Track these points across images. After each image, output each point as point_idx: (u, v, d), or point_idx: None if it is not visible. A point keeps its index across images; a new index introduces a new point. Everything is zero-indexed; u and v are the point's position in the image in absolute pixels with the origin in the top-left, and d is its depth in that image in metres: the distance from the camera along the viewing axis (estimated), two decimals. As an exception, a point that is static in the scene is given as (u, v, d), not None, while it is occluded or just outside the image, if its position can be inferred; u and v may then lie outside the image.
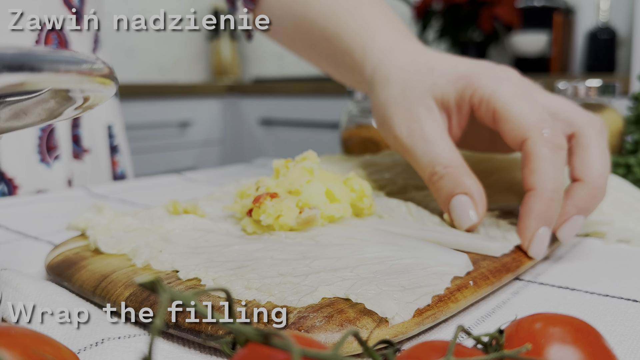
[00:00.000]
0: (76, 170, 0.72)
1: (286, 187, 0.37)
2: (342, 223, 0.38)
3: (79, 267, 0.33)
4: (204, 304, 0.24)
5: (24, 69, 0.18)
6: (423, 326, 0.27)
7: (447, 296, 0.29)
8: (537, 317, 0.20)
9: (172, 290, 0.15)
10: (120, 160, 0.80)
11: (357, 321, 0.25)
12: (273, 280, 0.29)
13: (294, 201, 0.36)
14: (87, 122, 0.73)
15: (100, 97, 0.23)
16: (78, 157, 0.72)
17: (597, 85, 0.71)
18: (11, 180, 0.65)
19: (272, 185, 0.38)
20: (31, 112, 0.24)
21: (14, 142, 0.65)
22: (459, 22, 2.13)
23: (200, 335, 0.25)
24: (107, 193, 0.65)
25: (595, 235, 0.45)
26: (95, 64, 0.20)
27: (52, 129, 0.68)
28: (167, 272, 0.31)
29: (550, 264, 0.39)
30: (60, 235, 0.46)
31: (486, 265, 0.33)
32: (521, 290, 0.34)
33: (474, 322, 0.30)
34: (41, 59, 0.19)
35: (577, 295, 0.33)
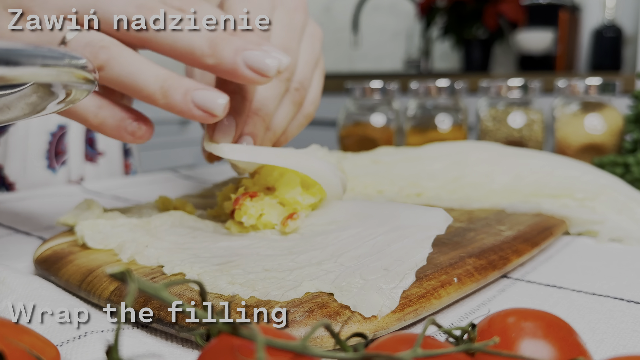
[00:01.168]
0: (89, 173, 0.73)
1: (263, 184, 0.37)
2: (324, 206, 0.38)
3: (66, 261, 0.33)
4: (174, 295, 0.25)
5: (2, 62, 0.18)
6: (404, 322, 0.27)
7: (429, 292, 0.29)
8: (510, 312, 0.21)
9: (140, 280, 0.15)
10: (133, 163, 0.81)
11: (338, 316, 0.26)
12: (257, 275, 0.30)
13: (274, 198, 0.37)
14: None
15: (82, 91, 0.23)
16: (92, 160, 0.74)
17: (597, 83, 0.71)
18: (11, 185, 0.66)
19: (250, 184, 0.38)
20: (14, 107, 0.24)
21: (21, 147, 0.65)
22: (464, 20, 2.13)
23: (174, 326, 0.25)
24: (101, 190, 0.65)
25: (588, 234, 0.45)
26: (75, 58, 0.21)
27: (63, 133, 0.69)
28: (153, 267, 0.32)
29: (540, 263, 0.39)
30: (51, 230, 0.47)
31: (472, 262, 0.33)
32: (508, 288, 0.35)
33: (457, 319, 0.30)
34: (20, 53, 0.19)
35: (564, 293, 0.33)
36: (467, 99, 0.85)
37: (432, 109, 0.79)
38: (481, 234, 0.39)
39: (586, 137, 0.69)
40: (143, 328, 0.28)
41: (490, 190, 0.49)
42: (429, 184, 0.52)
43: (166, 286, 0.16)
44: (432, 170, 0.53)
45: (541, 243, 0.40)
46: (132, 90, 0.34)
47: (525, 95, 0.74)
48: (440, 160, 0.55)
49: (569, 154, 0.69)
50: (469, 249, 0.35)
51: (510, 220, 0.43)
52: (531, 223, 0.42)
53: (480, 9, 2.08)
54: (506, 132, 0.74)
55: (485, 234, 0.39)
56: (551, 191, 0.48)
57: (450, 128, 0.77)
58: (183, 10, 0.34)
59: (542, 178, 0.50)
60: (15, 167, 0.65)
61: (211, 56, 0.33)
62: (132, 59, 0.34)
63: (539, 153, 0.55)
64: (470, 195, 0.49)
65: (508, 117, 0.74)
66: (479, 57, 2.18)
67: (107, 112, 0.35)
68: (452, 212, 0.46)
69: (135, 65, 0.34)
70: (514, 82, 0.75)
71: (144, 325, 0.28)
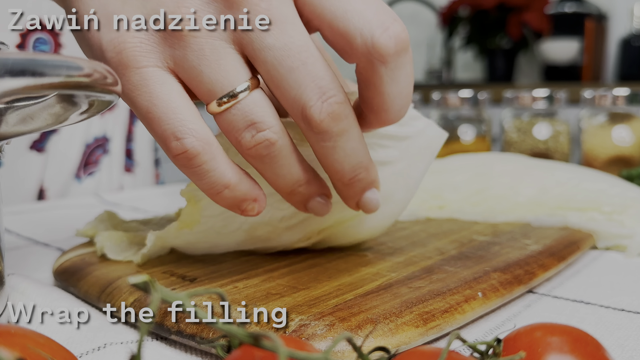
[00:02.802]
0: (127, 183, 0.75)
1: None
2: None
3: (85, 272, 0.34)
4: (194, 305, 0.25)
5: (26, 74, 0.19)
6: (427, 337, 0.27)
7: (453, 307, 0.29)
8: (536, 327, 0.20)
9: (164, 290, 0.16)
10: (162, 173, 0.83)
11: (360, 329, 0.26)
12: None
13: None
14: (139, 136, 0.76)
15: (105, 102, 0.24)
16: (129, 170, 0.76)
17: (625, 94, 0.71)
18: (43, 191, 0.67)
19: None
20: (37, 117, 0.25)
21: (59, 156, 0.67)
22: (487, 29, 2.13)
23: (195, 338, 0.26)
24: (120, 201, 0.66)
25: (616, 249, 0.45)
26: (97, 69, 0.21)
27: (98, 145, 0.71)
28: (177, 279, 0.32)
29: (567, 278, 0.39)
30: (70, 242, 0.47)
31: (497, 277, 0.33)
32: (534, 303, 0.34)
33: (482, 334, 0.30)
34: (43, 63, 0.20)
35: (591, 309, 0.33)
36: (491, 110, 0.85)
37: (454, 120, 0.79)
38: (506, 248, 0.39)
39: (614, 149, 0.68)
40: (163, 340, 0.29)
41: (515, 203, 0.49)
42: (451, 196, 0.52)
43: (189, 296, 0.16)
44: (455, 182, 0.53)
45: (568, 257, 0.39)
46: (276, 187, 0.30)
47: (550, 106, 0.74)
48: (463, 172, 0.54)
49: (596, 167, 0.69)
50: (494, 263, 0.35)
51: (536, 233, 0.43)
52: (557, 237, 0.42)
53: (504, 18, 2.07)
54: (531, 143, 0.74)
55: (511, 247, 0.39)
56: (578, 204, 0.48)
57: (473, 139, 0.77)
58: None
59: (569, 191, 0.49)
60: (50, 175, 0.67)
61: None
62: (294, 162, 0.30)
63: (565, 165, 0.55)
64: (494, 208, 0.49)
65: (533, 128, 0.74)
66: (502, 67, 2.17)
67: (231, 194, 0.29)
68: (476, 226, 0.46)
69: (293, 169, 0.30)
70: (539, 92, 0.74)
71: (163, 338, 0.29)
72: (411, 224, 0.47)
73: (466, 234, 0.43)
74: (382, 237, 0.42)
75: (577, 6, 2.02)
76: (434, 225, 0.46)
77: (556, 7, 2.05)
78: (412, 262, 0.35)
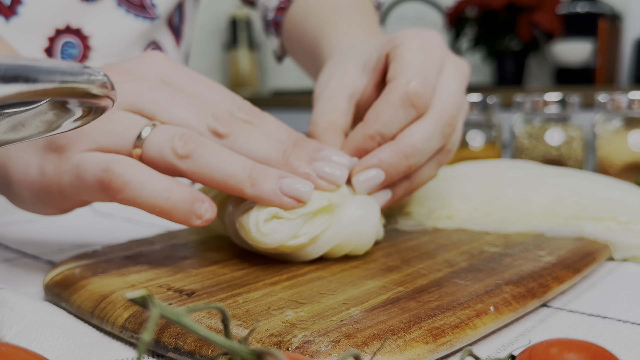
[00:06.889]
0: None
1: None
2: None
3: (78, 287, 0.34)
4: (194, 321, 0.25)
5: (19, 79, 0.19)
6: (437, 354, 0.27)
7: (464, 322, 0.29)
8: (553, 343, 0.20)
9: (162, 306, 0.16)
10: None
11: (366, 346, 0.26)
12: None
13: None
14: None
15: (99, 109, 0.24)
16: None
17: (641, 97, 0.71)
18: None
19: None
20: (29, 124, 0.25)
21: None
22: (495, 30, 2.13)
23: (194, 356, 0.26)
24: (112, 211, 0.66)
25: (634, 260, 0.45)
26: (93, 75, 0.22)
27: None
28: (173, 293, 0.32)
29: (583, 291, 0.39)
30: (60, 254, 0.47)
31: (509, 290, 0.33)
32: (548, 317, 0.34)
33: (494, 350, 0.30)
34: (37, 69, 0.20)
35: (608, 323, 0.33)
36: (501, 115, 0.85)
37: (463, 125, 0.79)
38: (519, 260, 0.39)
39: (630, 155, 0.68)
40: (159, 358, 0.29)
41: (527, 212, 0.49)
42: (461, 206, 0.52)
43: (188, 312, 0.16)
44: (464, 191, 0.53)
45: (583, 269, 0.39)
46: (218, 179, 0.35)
47: (563, 110, 0.74)
48: (473, 180, 0.54)
49: (611, 174, 0.69)
50: (506, 275, 0.35)
51: (549, 244, 0.43)
52: (572, 248, 0.42)
53: (514, 19, 2.08)
54: (543, 150, 0.74)
55: (523, 259, 0.39)
56: (593, 214, 0.48)
57: (482, 146, 0.77)
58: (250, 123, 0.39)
59: (583, 200, 0.49)
60: None
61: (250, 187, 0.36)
62: (219, 148, 0.36)
63: (579, 172, 0.55)
64: (505, 218, 0.49)
65: (545, 134, 0.74)
66: (512, 70, 2.18)
67: (178, 197, 0.35)
68: (486, 236, 0.46)
69: (223, 154, 0.36)
70: (551, 96, 0.74)
71: (160, 355, 0.29)
72: (419, 234, 0.47)
73: (476, 245, 0.43)
74: (389, 248, 0.42)
75: (590, 6, 2.02)
76: (442, 236, 0.46)
77: (568, 7, 2.05)
78: (421, 275, 0.35)
